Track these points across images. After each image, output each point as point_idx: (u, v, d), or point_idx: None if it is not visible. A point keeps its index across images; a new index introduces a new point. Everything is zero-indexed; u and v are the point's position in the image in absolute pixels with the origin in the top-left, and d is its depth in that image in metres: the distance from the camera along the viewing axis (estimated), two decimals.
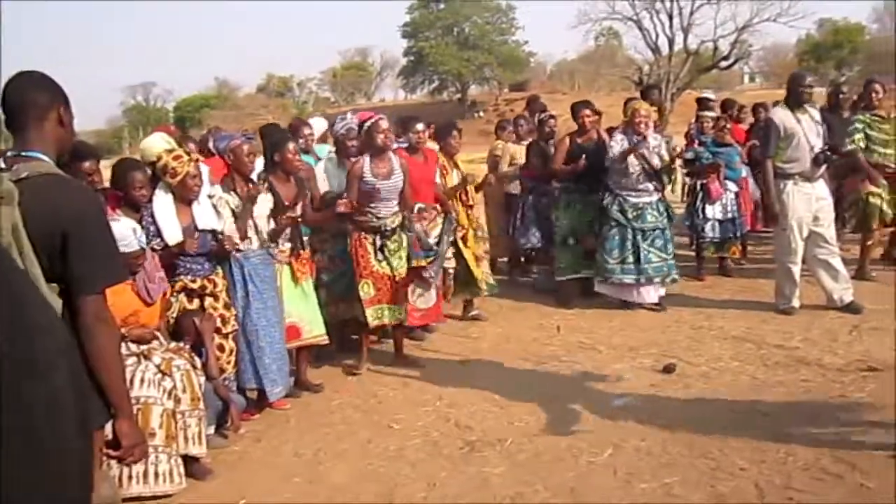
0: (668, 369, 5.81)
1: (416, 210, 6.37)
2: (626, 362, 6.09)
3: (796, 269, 7.02)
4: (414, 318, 6.56)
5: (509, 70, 53.18)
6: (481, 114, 49.51)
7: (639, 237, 7.54)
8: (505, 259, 9.51)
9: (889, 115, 8.05)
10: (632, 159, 7.46)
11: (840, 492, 3.89)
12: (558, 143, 8.07)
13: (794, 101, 7.00)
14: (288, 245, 5.68)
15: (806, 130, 6.87)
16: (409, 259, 6.27)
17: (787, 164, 6.94)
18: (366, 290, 6.16)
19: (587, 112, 7.90)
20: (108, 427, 2.57)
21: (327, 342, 6.01)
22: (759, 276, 8.41)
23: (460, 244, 7.21)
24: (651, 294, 7.64)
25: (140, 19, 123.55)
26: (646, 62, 46.88)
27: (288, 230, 5.62)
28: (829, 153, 6.91)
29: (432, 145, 7.42)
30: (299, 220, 5.66)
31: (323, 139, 7.55)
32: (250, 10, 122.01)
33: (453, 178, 7.37)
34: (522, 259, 9.47)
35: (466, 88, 53.69)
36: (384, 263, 6.20)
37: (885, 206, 7.95)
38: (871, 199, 7.92)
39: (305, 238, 5.94)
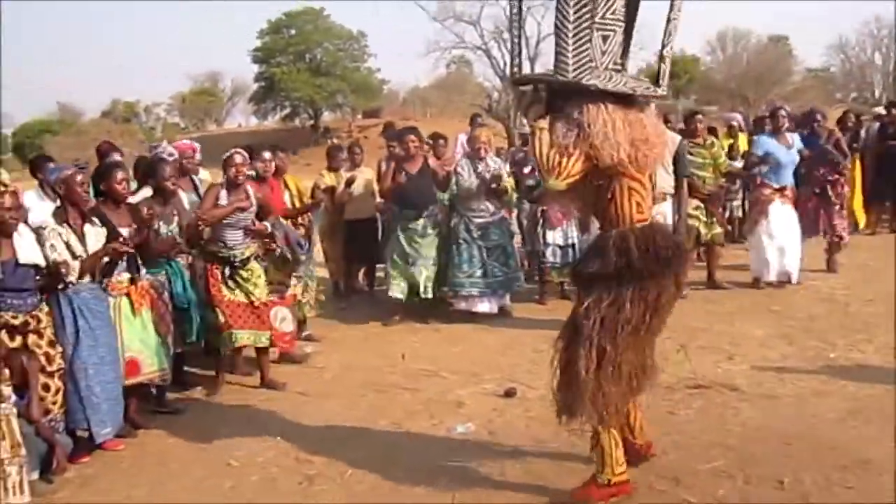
0: (508, 394, 5.91)
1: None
2: (469, 388, 6.15)
3: None
4: (285, 344, 6.82)
5: (362, 97, 53.31)
6: (334, 140, 49.34)
7: (484, 253, 8.23)
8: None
9: (704, 140, 8.76)
10: (474, 180, 8.11)
11: None
12: (386, 167, 8.33)
13: None
14: (125, 275, 5.51)
15: None
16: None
17: None
18: (214, 318, 6.23)
19: (412, 138, 8.23)
20: None
21: (167, 380, 5.84)
22: None
23: None
24: (493, 305, 8.34)
25: None
26: (495, 90, 47.96)
27: (124, 259, 5.45)
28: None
29: None
30: (131, 248, 5.43)
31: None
32: (95, 33, 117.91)
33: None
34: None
35: (319, 115, 53.44)
36: (237, 291, 6.29)
37: (701, 228, 8.58)
38: (689, 220, 8.40)
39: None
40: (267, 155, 7.10)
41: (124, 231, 5.47)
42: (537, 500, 4.18)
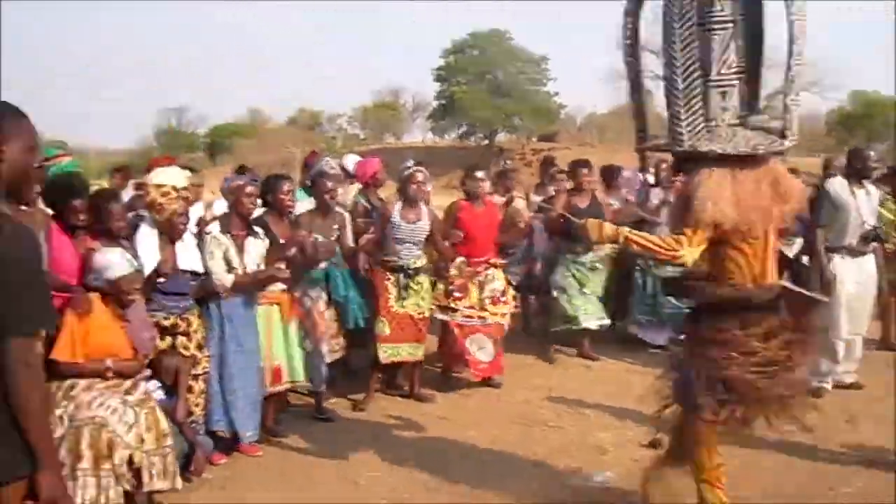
0: (653, 444, 5.61)
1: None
2: (612, 432, 5.90)
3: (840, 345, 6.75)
4: (477, 372, 6.84)
5: (539, 120, 53.14)
6: (509, 162, 49.36)
7: (657, 283, 8.07)
8: None
9: None
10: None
11: None
12: (556, 201, 8.01)
13: (855, 175, 6.72)
14: (278, 286, 5.60)
15: (860, 205, 6.65)
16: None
17: (836, 236, 6.71)
18: (380, 327, 6.31)
19: (585, 172, 7.91)
20: None
21: (303, 392, 5.94)
22: None
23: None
24: (661, 337, 8.07)
25: (182, 42, 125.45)
26: None
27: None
28: (878, 231, 6.74)
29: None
30: (288, 276, 5.50)
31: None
32: (289, 43, 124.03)
33: None
34: None
35: (494, 135, 53.65)
36: (406, 302, 6.35)
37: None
38: None
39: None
40: (480, 174, 7.04)
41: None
42: None
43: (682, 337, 4.10)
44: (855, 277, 6.70)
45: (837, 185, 6.76)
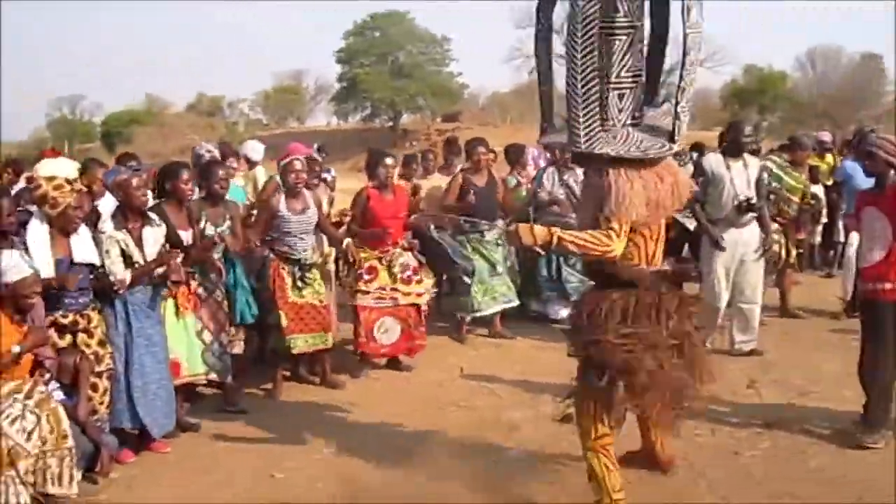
0: (566, 419, 5.68)
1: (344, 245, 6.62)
2: (525, 410, 5.95)
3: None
4: (369, 350, 6.86)
5: (442, 100, 53.22)
6: (415, 143, 49.21)
7: (561, 259, 8.29)
8: None
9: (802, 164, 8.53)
10: (560, 191, 8.21)
11: None
12: (451, 180, 8.07)
13: (731, 148, 7.08)
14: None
15: (734, 178, 6.92)
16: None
17: (714, 209, 7.00)
18: (280, 319, 6.19)
19: (482, 150, 7.92)
20: None
21: (205, 383, 5.82)
22: None
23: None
24: (564, 311, 7.96)
25: (73, 30, 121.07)
26: None
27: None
28: (751, 202, 6.93)
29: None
30: (181, 261, 5.33)
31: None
32: (185, 26, 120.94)
33: None
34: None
35: (399, 117, 53.52)
36: (304, 292, 6.26)
37: (782, 252, 8.17)
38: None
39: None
40: (389, 160, 6.96)
41: (183, 234, 5.45)
42: None
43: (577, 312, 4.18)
44: (735, 249, 6.98)
45: (713, 160, 7.14)
